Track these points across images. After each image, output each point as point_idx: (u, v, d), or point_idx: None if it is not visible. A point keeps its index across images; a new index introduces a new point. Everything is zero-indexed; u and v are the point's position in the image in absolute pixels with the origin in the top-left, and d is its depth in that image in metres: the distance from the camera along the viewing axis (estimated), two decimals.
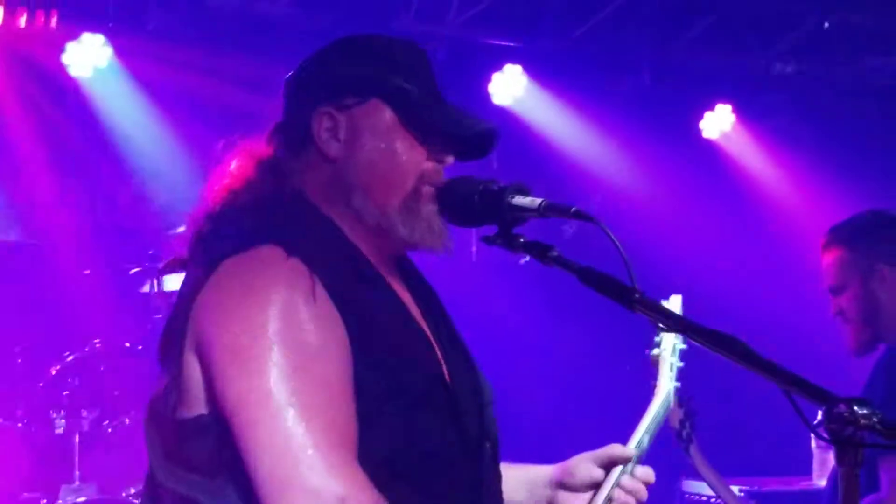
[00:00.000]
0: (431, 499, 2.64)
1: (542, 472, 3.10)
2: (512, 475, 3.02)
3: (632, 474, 3.03)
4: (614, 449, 3.07)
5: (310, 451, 2.40)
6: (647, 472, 3.08)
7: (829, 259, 5.00)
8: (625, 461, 3.03)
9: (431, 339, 2.76)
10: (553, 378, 8.92)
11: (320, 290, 2.53)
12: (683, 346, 3.40)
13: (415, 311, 2.80)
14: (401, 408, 2.60)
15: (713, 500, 7.08)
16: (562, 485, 3.06)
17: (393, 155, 2.74)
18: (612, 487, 2.99)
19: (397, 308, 2.74)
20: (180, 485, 2.62)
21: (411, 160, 2.74)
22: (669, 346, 3.37)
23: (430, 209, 2.74)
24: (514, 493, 3.03)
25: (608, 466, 3.04)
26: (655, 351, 3.36)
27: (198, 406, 2.57)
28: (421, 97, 2.77)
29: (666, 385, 3.34)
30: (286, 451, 2.40)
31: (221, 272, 2.56)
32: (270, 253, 2.55)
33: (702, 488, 7.23)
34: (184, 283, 2.70)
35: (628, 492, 3.00)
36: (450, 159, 2.80)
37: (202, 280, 2.58)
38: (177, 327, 2.62)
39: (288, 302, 2.49)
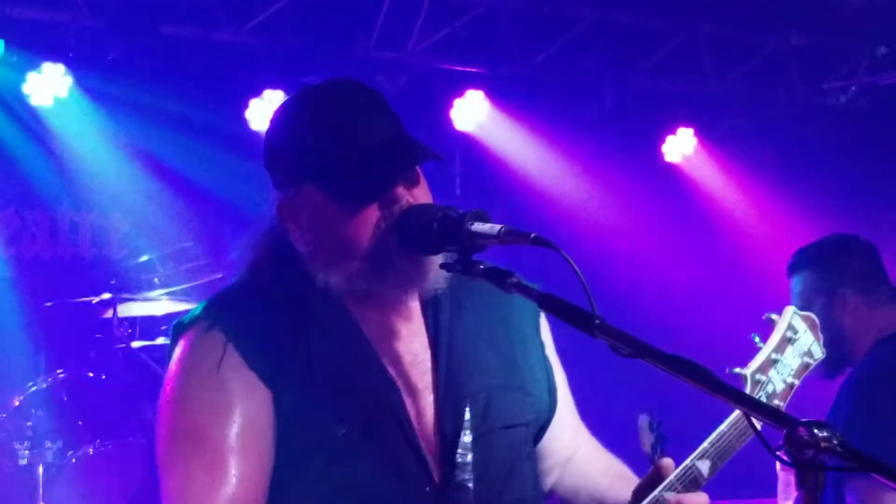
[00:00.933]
0: None
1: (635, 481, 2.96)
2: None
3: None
4: (658, 470, 2.88)
5: None
6: (690, 498, 2.86)
7: (794, 283, 5.02)
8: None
9: (397, 381, 2.76)
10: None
11: (232, 359, 2.68)
12: (810, 361, 3.13)
13: (408, 348, 2.82)
14: (324, 459, 2.66)
15: None
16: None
17: (337, 233, 2.74)
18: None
19: (351, 359, 2.75)
20: None
21: (358, 228, 2.73)
22: (758, 364, 3.01)
23: (399, 260, 2.72)
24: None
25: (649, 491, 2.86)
26: (737, 370, 3.01)
27: None
28: (339, 161, 2.74)
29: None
30: None
31: (171, 349, 2.83)
32: (195, 329, 2.77)
33: None
34: None
35: None
36: (399, 190, 2.76)
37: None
38: None
39: (195, 373, 2.72)
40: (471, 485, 2.77)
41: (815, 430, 2.09)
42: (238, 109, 8.61)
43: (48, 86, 8.31)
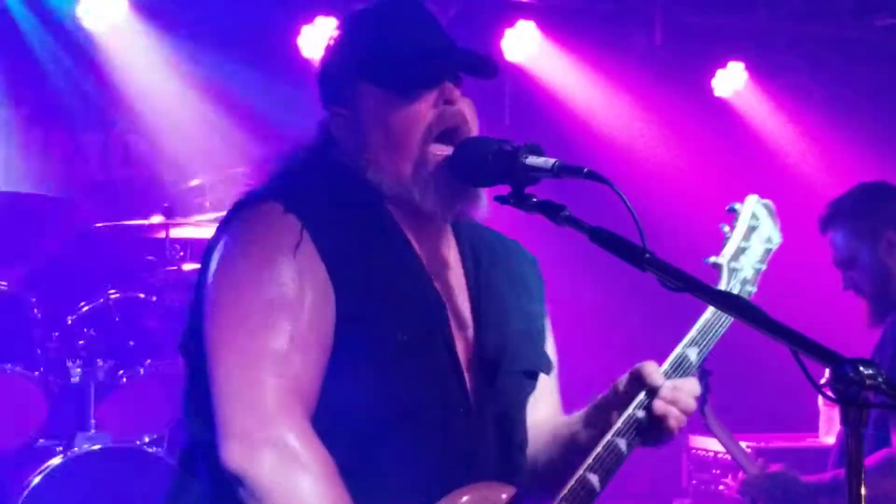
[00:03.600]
0: (408, 455, 2.71)
1: (598, 398, 2.97)
2: (576, 413, 3.04)
3: (660, 395, 2.81)
4: (644, 367, 2.86)
5: (256, 398, 2.57)
6: (684, 384, 2.85)
7: (834, 234, 5.03)
8: (648, 387, 2.83)
9: (445, 302, 2.82)
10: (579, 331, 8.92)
11: (307, 246, 2.67)
12: (770, 247, 3.15)
13: (448, 276, 2.88)
14: (377, 366, 2.70)
15: (720, 455, 7.14)
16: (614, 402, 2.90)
17: (391, 126, 2.81)
18: (632, 409, 2.81)
19: (405, 269, 2.81)
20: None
21: (410, 123, 2.80)
22: (731, 253, 3.08)
23: (442, 175, 2.78)
24: (575, 426, 3.01)
25: (639, 388, 2.86)
26: (713, 259, 3.07)
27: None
28: (396, 55, 2.82)
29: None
30: (234, 395, 2.58)
31: (229, 223, 2.78)
32: (268, 209, 2.72)
33: (708, 444, 7.28)
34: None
35: (668, 401, 2.81)
36: (454, 93, 2.82)
37: (217, 229, 2.81)
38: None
39: (270, 256, 2.66)
40: (495, 418, 2.85)
41: (861, 368, 2.13)
42: (290, 36, 8.63)
43: (102, 9, 8.34)
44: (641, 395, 2.83)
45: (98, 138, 8.96)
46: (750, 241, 3.12)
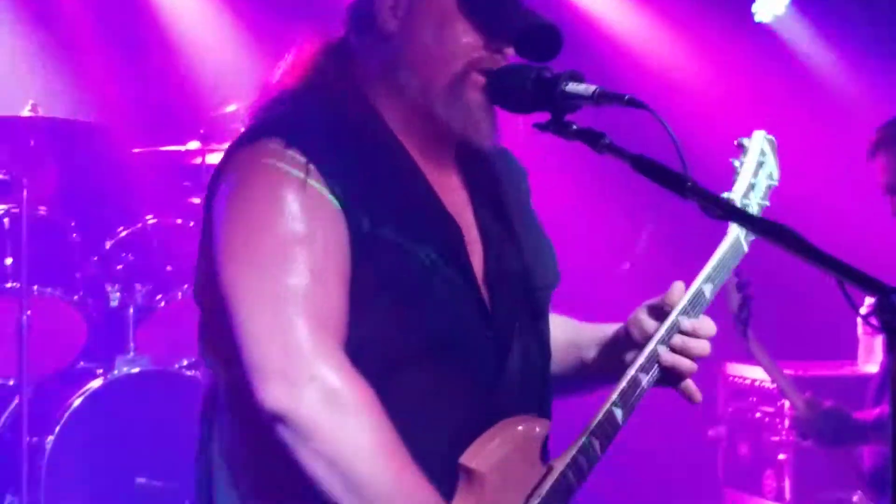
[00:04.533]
0: (435, 383, 2.70)
1: (611, 330, 3.01)
2: (586, 335, 3.07)
3: (682, 328, 2.83)
4: (671, 295, 2.88)
5: (288, 336, 2.52)
6: (703, 324, 2.87)
7: (882, 158, 4.99)
8: (669, 310, 2.85)
9: (461, 226, 2.80)
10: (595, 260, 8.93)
11: (314, 180, 2.62)
12: (772, 183, 3.13)
13: (456, 199, 2.85)
14: (401, 292, 2.67)
15: (757, 382, 7.14)
16: (630, 341, 2.94)
17: (445, 36, 2.76)
18: (655, 343, 2.83)
19: (417, 193, 2.78)
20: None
21: (463, 44, 2.75)
22: (742, 189, 3.03)
23: (474, 97, 2.75)
24: (586, 352, 3.05)
25: (663, 316, 2.87)
26: (725, 194, 3.00)
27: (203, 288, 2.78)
28: None
29: (734, 229, 2.98)
30: (265, 336, 2.53)
31: (229, 163, 2.72)
32: (270, 146, 2.65)
33: (744, 371, 7.28)
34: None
35: (678, 350, 2.83)
36: (509, 50, 2.79)
37: (218, 168, 2.75)
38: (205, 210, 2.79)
39: (277, 193, 2.60)
40: (518, 337, 2.84)
41: None
42: None
43: None
44: (662, 331, 2.84)
45: (134, 63, 8.95)
46: (758, 178, 3.08)
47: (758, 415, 7.11)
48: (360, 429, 2.52)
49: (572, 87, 2.65)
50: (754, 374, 7.10)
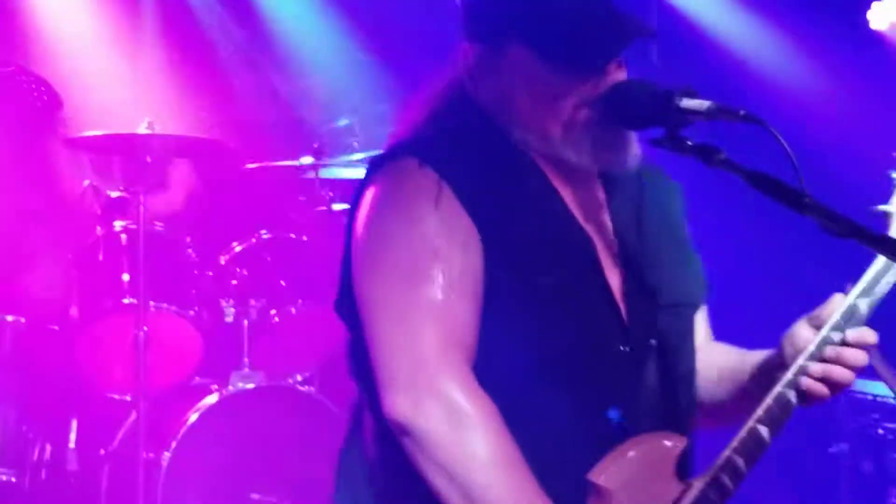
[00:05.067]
0: (566, 399, 2.70)
1: (769, 353, 2.95)
2: (746, 360, 3.01)
3: (841, 341, 2.78)
4: (826, 308, 2.82)
5: (416, 349, 2.58)
6: (858, 334, 2.80)
7: None
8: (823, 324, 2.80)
9: (595, 241, 2.81)
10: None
11: (448, 197, 2.67)
12: None
13: (594, 216, 2.85)
14: (532, 308, 2.69)
15: (879, 399, 7.00)
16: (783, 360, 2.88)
17: (540, 94, 2.78)
18: (804, 359, 2.77)
19: (550, 213, 2.79)
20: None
21: (562, 94, 2.76)
22: None
23: (593, 133, 2.75)
24: (743, 376, 2.99)
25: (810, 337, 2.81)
26: (882, 207, 2.92)
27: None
28: (556, 27, 2.76)
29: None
30: (394, 348, 2.61)
31: (368, 184, 2.80)
32: (405, 165, 2.73)
33: (867, 386, 7.14)
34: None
35: (831, 361, 2.77)
36: (610, 67, 2.77)
37: (359, 185, 2.83)
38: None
39: (412, 208, 2.68)
40: (655, 352, 2.82)
41: None
42: None
43: None
44: (812, 347, 2.78)
45: (248, 79, 9.05)
46: None
47: (881, 431, 6.97)
48: (479, 442, 2.54)
49: (686, 102, 2.64)
50: (877, 389, 6.97)
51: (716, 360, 3.04)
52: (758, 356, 2.99)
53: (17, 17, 8.33)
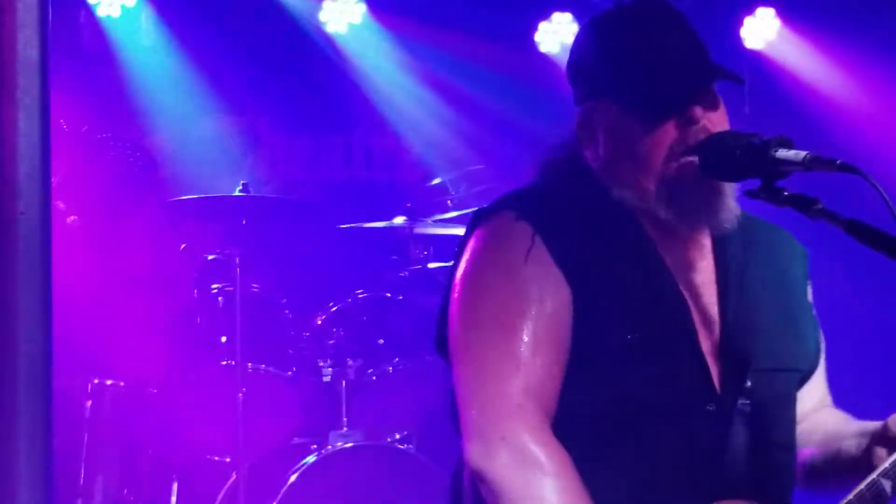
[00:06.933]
0: (646, 455, 2.71)
1: (876, 424, 2.92)
2: (851, 427, 2.99)
3: None
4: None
5: (494, 398, 2.65)
6: None
7: None
8: None
9: (690, 301, 2.81)
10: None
11: (540, 251, 2.73)
12: None
13: (695, 276, 2.85)
14: (611, 363, 2.71)
15: None
16: (882, 439, 2.86)
17: (630, 148, 2.81)
18: (887, 465, 2.74)
19: (645, 271, 2.81)
20: None
21: (653, 146, 2.78)
22: None
23: (689, 186, 2.76)
24: (845, 443, 2.96)
25: None
26: None
27: None
28: (641, 81, 2.79)
29: None
30: (474, 396, 2.67)
31: (469, 234, 2.87)
32: (503, 217, 2.81)
33: None
34: None
35: None
36: (697, 110, 2.78)
37: (462, 239, 2.90)
38: None
39: (505, 262, 2.75)
40: (745, 415, 2.79)
41: None
42: (527, 32, 8.66)
43: (342, 13, 8.57)
44: None
45: (340, 141, 9.14)
46: None
47: None
48: (549, 490, 2.57)
49: (782, 153, 2.64)
50: None
51: (823, 425, 3.02)
52: (863, 426, 2.96)
53: (114, 87, 8.48)
